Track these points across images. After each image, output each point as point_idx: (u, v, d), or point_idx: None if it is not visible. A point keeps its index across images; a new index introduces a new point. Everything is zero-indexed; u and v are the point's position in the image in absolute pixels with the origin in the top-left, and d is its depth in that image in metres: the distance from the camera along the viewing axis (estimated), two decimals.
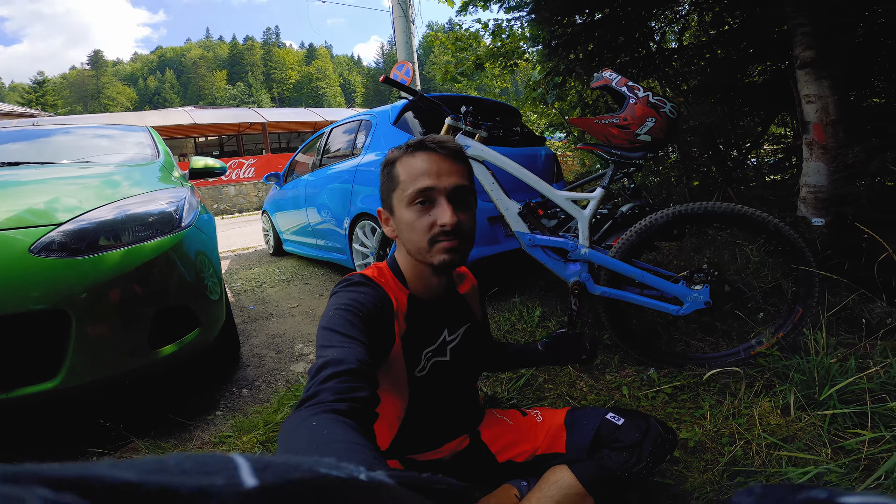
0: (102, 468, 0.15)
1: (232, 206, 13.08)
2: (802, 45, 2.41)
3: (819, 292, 1.49)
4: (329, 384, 0.63)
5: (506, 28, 4.67)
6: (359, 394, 0.63)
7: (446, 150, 0.86)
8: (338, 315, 0.78)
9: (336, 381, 0.63)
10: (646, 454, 0.92)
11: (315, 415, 0.57)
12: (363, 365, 0.68)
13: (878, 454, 0.99)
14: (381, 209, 0.93)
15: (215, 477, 0.16)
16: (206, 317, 1.65)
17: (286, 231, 4.44)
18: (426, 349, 0.94)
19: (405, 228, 0.86)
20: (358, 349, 0.71)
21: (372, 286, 0.87)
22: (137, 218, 1.54)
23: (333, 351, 0.70)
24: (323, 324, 0.77)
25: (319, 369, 0.66)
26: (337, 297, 0.83)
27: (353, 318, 0.77)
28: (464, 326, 1.01)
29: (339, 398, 0.61)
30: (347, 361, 0.67)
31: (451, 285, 1.00)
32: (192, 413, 1.69)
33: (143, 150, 2.49)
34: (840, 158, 2.40)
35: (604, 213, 1.79)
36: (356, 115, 3.32)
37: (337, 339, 0.73)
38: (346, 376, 0.64)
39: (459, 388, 1.03)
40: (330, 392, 0.61)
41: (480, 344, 1.09)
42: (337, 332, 0.74)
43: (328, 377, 0.64)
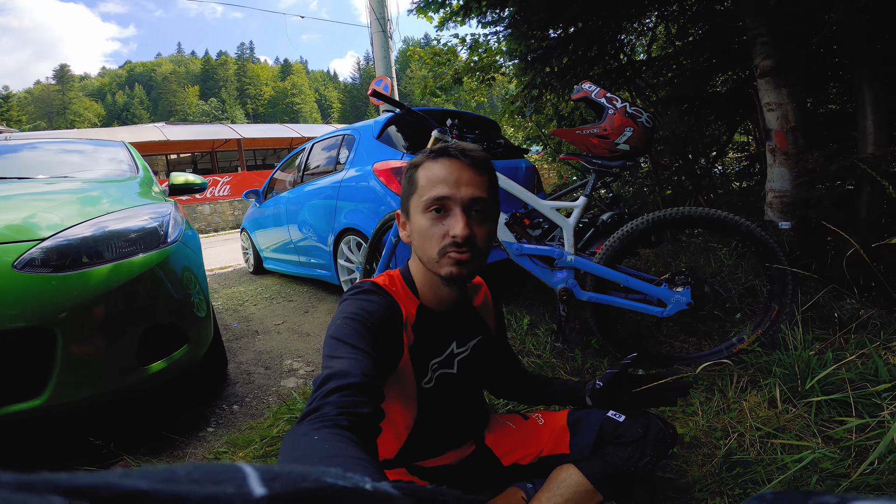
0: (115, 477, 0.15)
1: (207, 224, 12.80)
2: (762, 54, 2.56)
3: (792, 290, 1.57)
4: (332, 398, 0.62)
5: (483, 42, 4.77)
6: (362, 409, 0.62)
7: (470, 158, 0.83)
8: (346, 324, 0.77)
9: (340, 394, 0.62)
10: (649, 449, 0.94)
11: (317, 429, 0.57)
12: (368, 378, 0.67)
13: (865, 441, 1.04)
14: (398, 212, 0.92)
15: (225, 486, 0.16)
16: (194, 333, 1.63)
17: (267, 249, 4.38)
18: (433, 360, 0.93)
19: (418, 235, 0.84)
20: (364, 361, 0.70)
21: (382, 294, 0.86)
22: (119, 234, 1.51)
23: (339, 362, 0.69)
24: (330, 332, 0.76)
25: (324, 381, 0.65)
26: (346, 305, 0.82)
27: (360, 328, 0.76)
28: (474, 340, 1.00)
29: (341, 412, 0.60)
30: (352, 374, 0.66)
31: (463, 297, 0.98)
32: (183, 430, 1.66)
33: (120, 166, 2.44)
34: (801, 164, 2.54)
35: (585, 222, 1.85)
36: (338, 131, 3.33)
37: (343, 349, 0.72)
38: (350, 390, 0.63)
39: (467, 399, 1.03)
40: (333, 406, 0.60)
41: (492, 358, 1.08)
42: (344, 342, 0.73)
43: (332, 390, 0.63)
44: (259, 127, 19.74)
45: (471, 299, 1.03)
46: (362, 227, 2.64)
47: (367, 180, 2.66)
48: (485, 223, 0.84)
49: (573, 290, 1.68)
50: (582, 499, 0.92)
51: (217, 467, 0.18)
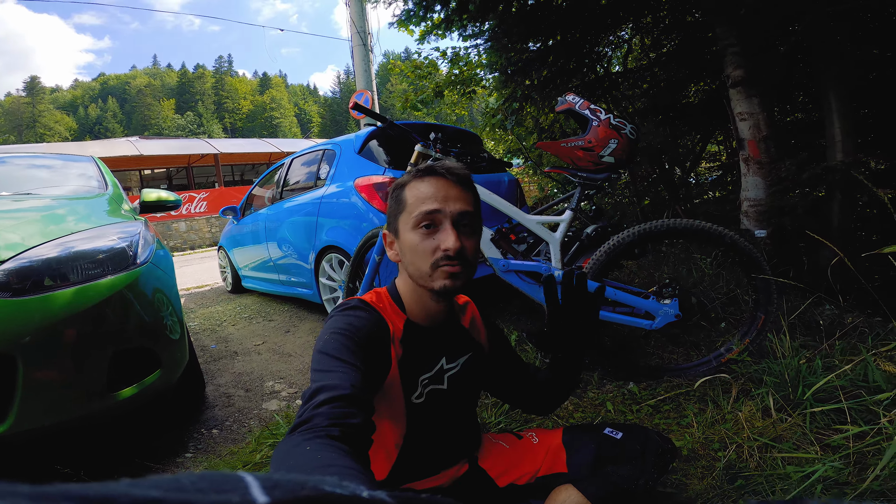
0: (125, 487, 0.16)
1: (183, 242, 12.46)
2: (733, 64, 2.62)
3: (777, 298, 1.59)
4: (323, 409, 0.62)
5: (464, 56, 4.81)
6: (353, 420, 0.63)
7: (455, 176, 0.87)
8: (333, 339, 0.77)
9: (330, 406, 0.63)
10: (648, 465, 0.92)
11: (309, 439, 0.57)
12: (358, 391, 0.68)
13: (864, 448, 1.04)
14: (386, 232, 0.93)
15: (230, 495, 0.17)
16: (167, 357, 1.59)
17: (245, 267, 4.27)
18: (422, 376, 0.92)
19: (409, 251, 0.86)
20: (353, 374, 0.71)
21: (369, 311, 0.87)
22: (86, 255, 1.46)
23: (328, 376, 0.70)
24: (318, 348, 0.77)
25: (313, 394, 0.66)
26: (333, 321, 0.83)
27: (348, 343, 0.77)
28: (464, 356, 0.99)
29: (332, 423, 0.60)
30: (342, 387, 0.67)
31: (451, 313, 0.98)
32: (159, 456, 1.61)
33: (88, 182, 2.35)
34: (774, 172, 2.60)
35: (570, 236, 1.84)
36: (318, 145, 3.28)
37: (332, 363, 0.73)
38: (341, 402, 0.64)
39: (458, 416, 1.01)
40: (324, 417, 0.61)
41: (486, 376, 1.07)
42: (332, 356, 0.74)
43: (322, 402, 0.63)
44: (237, 142, 19.46)
45: (459, 318, 1.02)
46: (344, 245, 2.58)
47: (349, 196, 2.62)
48: (472, 237, 0.88)
49: None
50: None
51: (220, 476, 0.18)
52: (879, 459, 0.94)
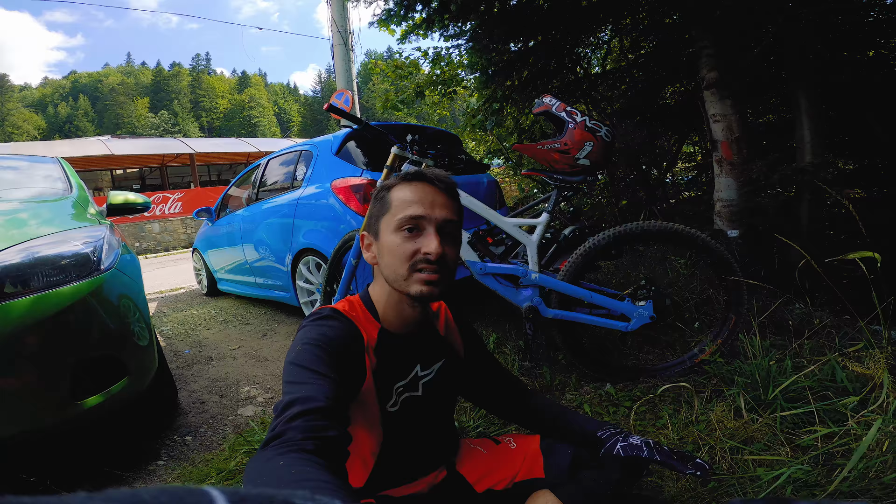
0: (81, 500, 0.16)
1: (156, 244, 12.11)
2: (707, 66, 2.67)
3: (748, 300, 1.62)
4: (296, 423, 0.61)
5: (445, 56, 4.80)
6: (328, 433, 0.61)
7: (443, 184, 0.88)
8: (306, 350, 0.76)
9: (304, 419, 0.61)
10: (625, 471, 0.92)
11: (282, 454, 0.55)
12: (332, 402, 0.66)
13: (833, 449, 1.06)
14: (364, 233, 0.92)
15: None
16: (135, 364, 1.56)
17: (221, 269, 4.17)
18: (397, 384, 0.91)
19: (387, 253, 0.85)
20: (327, 386, 0.69)
21: (342, 320, 0.85)
22: (48, 261, 1.42)
23: (301, 388, 0.68)
24: (290, 359, 0.75)
25: (286, 407, 0.64)
26: (305, 332, 0.81)
27: (321, 354, 0.75)
28: (439, 363, 0.99)
29: (307, 437, 0.59)
30: (316, 399, 0.65)
31: (425, 319, 0.98)
32: (130, 464, 1.58)
33: (53, 184, 2.26)
34: (746, 173, 2.66)
35: (548, 238, 1.85)
36: (295, 146, 3.22)
37: (305, 375, 0.71)
38: (315, 415, 0.63)
39: (434, 423, 1.00)
40: (297, 431, 0.59)
41: (461, 381, 1.07)
42: (305, 367, 0.72)
43: (295, 415, 0.62)
44: (213, 141, 19.02)
45: (434, 324, 1.01)
46: (321, 247, 2.54)
47: (326, 198, 2.57)
48: (454, 245, 0.88)
49: (539, 308, 1.66)
50: None
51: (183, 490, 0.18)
52: (847, 460, 0.97)
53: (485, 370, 1.09)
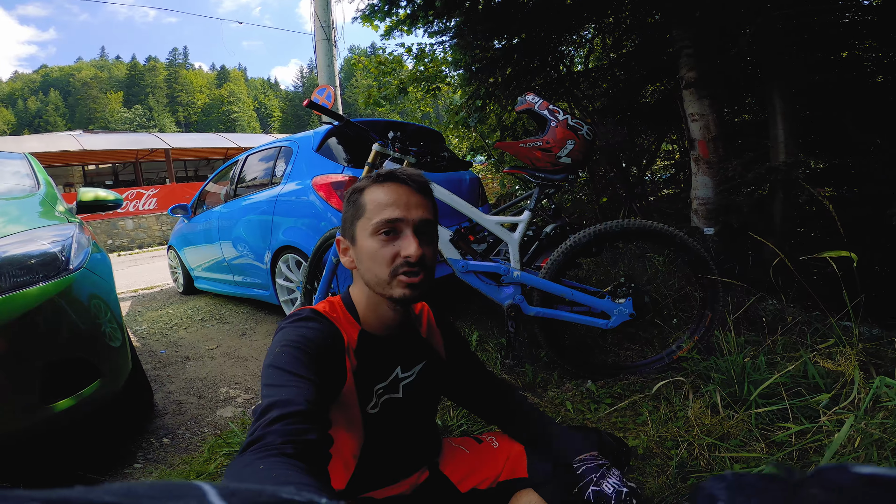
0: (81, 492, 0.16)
1: (130, 241, 11.76)
2: (687, 66, 2.71)
3: (723, 297, 1.65)
4: (276, 426, 0.59)
5: (429, 52, 4.76)
6: (309, 436, 0.60)
7: (416, 183, 0.86)
8: (285, 352, 0.74)
9: (283, 423, 0.60)
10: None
11: (262, 458, 0.54)
12: (312, 406, 0.65)
13: (807, 445, 1.09)
14: (340, 238, 0.90)
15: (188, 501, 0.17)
16: (107, 366, 1.52)
17: (198, 267, 4.07)
18: (377, 386, 0.90)
19: (366, 258, 0.83)
20: (307, 389, 0.68)
21: (322, 321, 0.84)
22: (15, 261, 1.37)
23: (280, 391, 0.67)
24: (269, 362, 0.74)
25: (265, 410, 0.63)
26: (284, 333, 0.79)
27: (301, 356, 0.74)
28: (419, 364, 0.98)
29: (287, 441, 0.58)
30: (295, 402, 0.64)
31: (407, 321, 0.96)
32: (106, 467, 1.54)
33: (19, 181, 2.18)
34: (722, 172, 2.71)
35: (530, 235, 1.85)
36: (275, 142, 3.16)
37: (284, 377, 0.70)
38: (295, 418, 0.61)
39: (416, 424, 1.00)
40: (277, 435, 0.58)
41: (443, 383, 1.06)
42: (284, 370, 0.71)
43: (275, 419, 0.60)
44: (190, 136, 18.57)
45: (416, 326, 1.01)
46: (301, 245, 2.50)
47: (307, 195, 2.53)
48: (431, 244, 0.87)
49: (520, 305, 1.66)
50: None
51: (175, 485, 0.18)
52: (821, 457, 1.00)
53: (467, 372, 1.08)
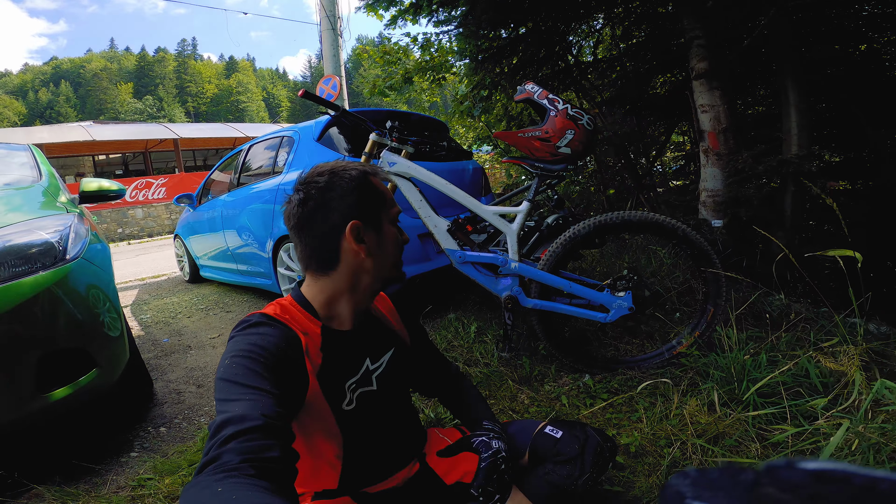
0: None
1: (140, 230, 11.90)
2: (698, 56, 2.64)
3: (726, 292, 1.61)
4: (231, 444, 0.56)
5: (434, 42, 4.71)
6: (269, 453, 0.57)
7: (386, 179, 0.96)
8: (236, 363, 0.69)
9: (239, 440, 0.56)
10: (588, 465, 0.93)
11: (219, 480, 0.50)
12: (270, 419, 0.61)
13: (803, 447, 1.07)
14: (357, 223, 0.83)
15: None
16: (104, 356, 1.52)
17: (203, 256, 4.10)
18: (349, 381, 0.88)
19: (391, 244, 0.89)
20: (263, 401, 0.64)
21: (274, 325, 0.79)
22: (14, 251, 1.38)
23: (234, 405, 0.62)
24: (220, 375, 0.69)
25: (219, 428, 0.58)
26: (234, 343, 0.74)
27: (253, 366, 0.69)
28: (388, 353, 0.96)
29: (245, 459, 0.54)
30: (251, 417, 0.60)
31: (367, 312, 0.96)
32: (102, 456, 1.56)
33: (22, 172, 2.19)
34: (732, 164, 2.65)
35: (531, 226, 1.82)
36: (277, 132, 3.15)
37: (237, 391, 0.65)
38: (251, 434, 0.57)
39: (395, 415, 0.98)
40: (234, 454, 0.54)
41: (411, 369, 1.05)
42: (235, 383, 0.66)
43: (230, 437, 0.57)
44: (199, 126, 18.64)
45: (374, 314, 1.00)
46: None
47: None
48: None
49: (518, 297, 1.64)
50: None
51: None
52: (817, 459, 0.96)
53: (428, 357, 1.11)
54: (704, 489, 0.21)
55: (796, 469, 0.19)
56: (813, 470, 0.18)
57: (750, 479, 0.20)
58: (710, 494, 0.20)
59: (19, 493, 1.32)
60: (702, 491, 0.21)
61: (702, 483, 0.21)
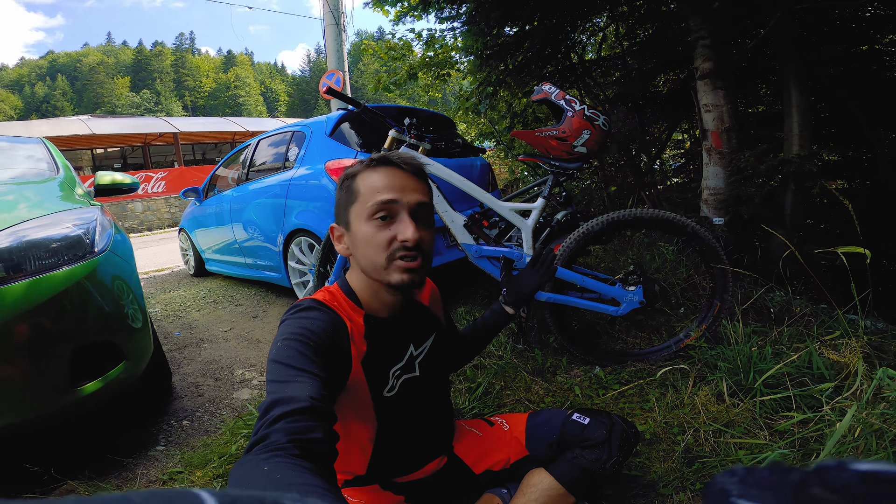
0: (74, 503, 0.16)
1: (139, 223, 11.89)
2: (702, 56, 2.69)
3: (732, 286, 1.67)
4: (279, 425, 0.58)
5: (439, 38, 4.73)
6: (313, 434, 0.59)
7: (410, 166, 0.84)
8: (287, 346, 0.72)
9: (287, 421, 0.59)
10: (615, 449, 0.97)
11: (266, 459, 0.53)
12: (317, 402, 0.63)
13: (809, 435, 1.13)
14: (334, 225, 0.88)
15: None
16: (131, 348, 1.53)
17: (209, 250, 4.13)
18: (394, 368, 0.90)
19: (362, 244, 0.82)
20: (311, 384, 0.66)
21: (323, 310, 0.82)
22: (39, 244, 1.38)
23: (283, 387, 0.65)
24: (272, 356, 0.72)
25: (268, 408, 0.61)
26: (286, 326, 0.77)
27: (304, 349, 0.72)
28: (430, 338, 0.99)
29: (291, 440, 0.56)
30: (299, 399, 0.62)
31: (410, 298, 0.97)
32: (129, 450, 1.57)
33: (37, 165, 2.20)
34: (734, 163, 2.70)
35: (541, 222, 1.87)
36: (287, 127, 3.18)
37: (287, 373, 0.68)
38: (299, 415, 0.60)
39: (432, 404, 1.01)
40: (281, 434, 0.57)
41: (449, 352, 1.08)
42: (287, 365, 0.69)
43: (278, 417, 0.59)
44: (198, 120, 18.60)
45: (418, 300, 1.02)
46: (314, 228, 2.54)
47: (319, 179, 2.56)
48: (429, 229, 0.85)
49: None
50: (555, 502, 0.95)
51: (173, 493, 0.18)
52: (822, 445, 1.03)
53: (451, 329, 1.13)
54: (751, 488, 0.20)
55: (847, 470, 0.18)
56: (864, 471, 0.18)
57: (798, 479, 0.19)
58: (756, 493, 0.20)
59: (52, 489, 1.33)
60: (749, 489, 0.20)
61: (749, 482, 0.21)
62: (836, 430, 0.99)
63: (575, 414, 1.03)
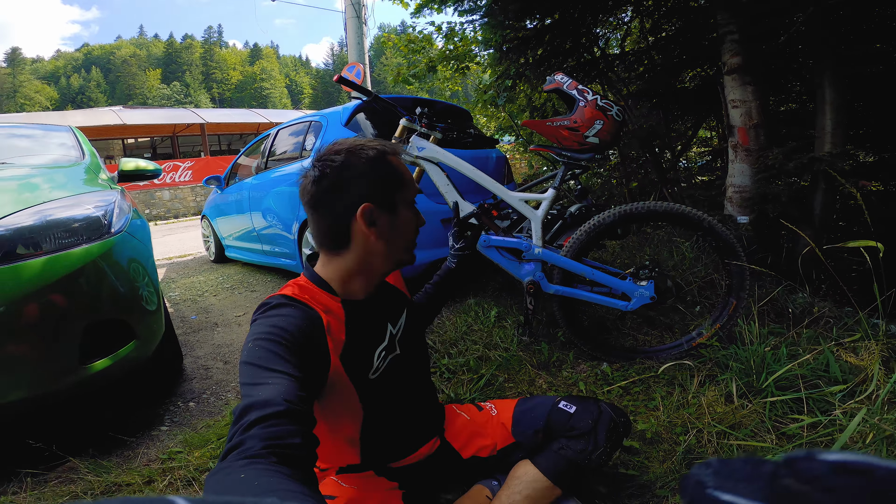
0: None
1: (166, 211, 12.25)
2: (730, 51, 2.60)
3: (750, 285, 1.61)
4: (255, 430, 0.56)
5: (459, 31, 4.71)
6: (290, 439, 0.57)
7: None
8: (258, 346, 0.69)
9: (261, 426, 0.56)
10: (601, 440, 0.94)
11: (242, 467, 0.51)
12: (292, 404, 0.61)
13: (817, 438, 1.08)
14: (369, 206, 0.81)
15: None
16: (142, 329, 1.56)
17: (229, 237, 4.22)
18: (378, 348, 0.89)
19: (405, 228, 0.87)
20: (285, 385, 0.63)
21: (295, 306, 0.78)
22: (60, 224, 1.42)
23: (257, 390, 0.62)
24: (243, 358, 0.69)
25: (243, 413, 0.58)
26: (257, 326, 0.74)
27: (276, 348, 0.69)
28: (403, 314, 0.98)
29: (266, 446, 0.54)
30: (274, 402, 0.59)
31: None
32: (134, 429, 1.60)
33: (66, 151, 2.29)
34: (762, 160, 2.61)
35: (554, 214, 1.84)
36: (304, 117, 3.22)
37: (260, 374, 0.65)
38: (274, 420, 0.57)
39: (415, 382, 1.01)
40: (257, 440, 0.55)
41: (420, 323, 1.10)
42: (259, 366, 0.66)
43: (253, 423, 0.57)
44: (225, 111, 18.99)
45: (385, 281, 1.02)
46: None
47: None
48: None
49: (540, 282, 1.67)
50: (541, 495, 0.93)
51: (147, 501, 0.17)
52: None
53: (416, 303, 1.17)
54: (726, 479, 0.21)
55: (816, 460, 0.18)
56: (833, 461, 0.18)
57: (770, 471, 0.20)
58: (731, 485, 0.20)
59: (54, 466, 1.34)
60: (723, 481, 0.21)
61: (723, 473, 0.21)
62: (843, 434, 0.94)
63: (562, 402, 1.01)
